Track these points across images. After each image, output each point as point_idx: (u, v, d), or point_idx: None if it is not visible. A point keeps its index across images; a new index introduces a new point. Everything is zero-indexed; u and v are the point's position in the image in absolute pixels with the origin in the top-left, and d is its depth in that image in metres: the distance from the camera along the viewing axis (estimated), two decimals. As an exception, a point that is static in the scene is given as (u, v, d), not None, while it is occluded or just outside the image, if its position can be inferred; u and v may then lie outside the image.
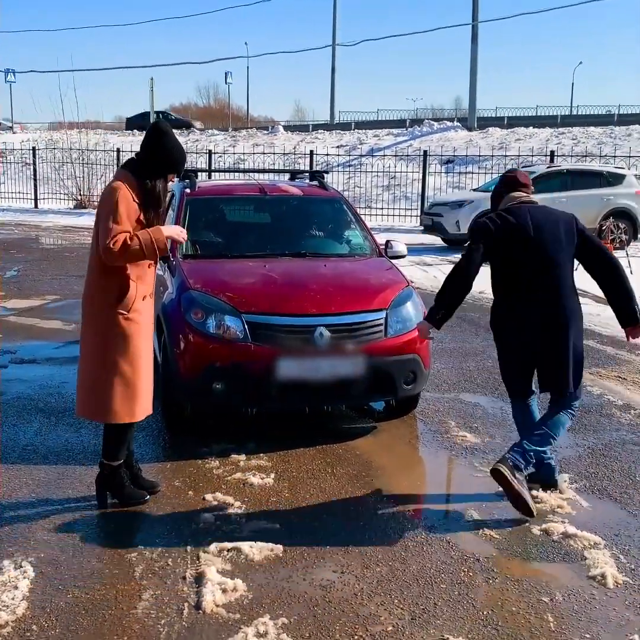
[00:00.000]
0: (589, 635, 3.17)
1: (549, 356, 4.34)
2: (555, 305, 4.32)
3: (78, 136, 26.75)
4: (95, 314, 4.09)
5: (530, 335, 4.32)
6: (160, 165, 4.06)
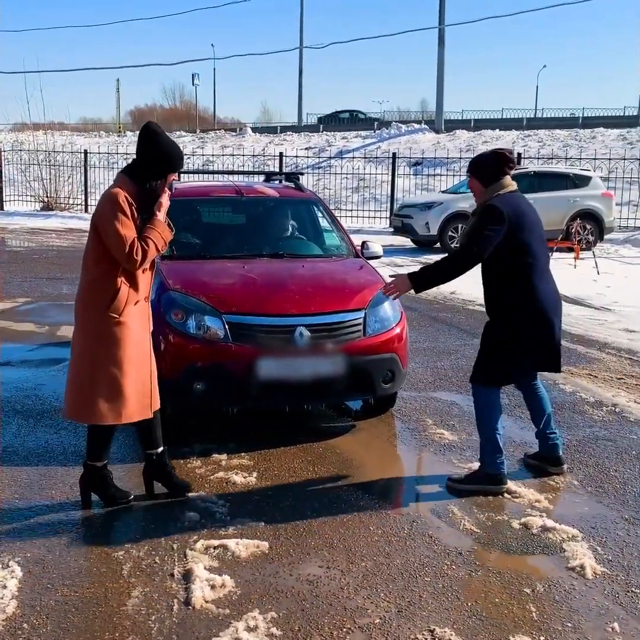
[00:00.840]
0: (571, 624, 3.26)
1: (557, 336, 4.54)
2: (556, 288, 4.62)
3: (44, 137, 26.49)
4: (86, 316, 4.10)
5: (550, 321, 4.47)
6: (158, 166, 4.04)
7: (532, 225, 4.47)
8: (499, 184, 4.49)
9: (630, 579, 3.62)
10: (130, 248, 3.92)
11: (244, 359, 5.00)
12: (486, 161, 4.58)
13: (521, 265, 4.42)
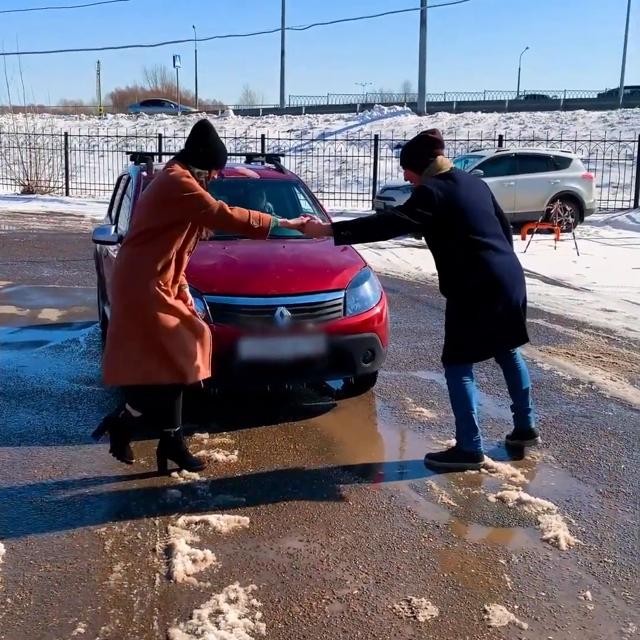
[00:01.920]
0: (544, 593, 3.35)
1: (515, 309, 4.57)
2: (514, 260, 4.61)
3: (24, 120, 26.27)
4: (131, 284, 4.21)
5: (505, 295, 4.49)
6: (205, 159, 4.25)
7: (468, 204, 4.43)
8: (432, 167, 4.51)
9: (603, 549, 3.71)
10: (221, 206, 4.15)
11: (225, 340, 5.03)
12: (412, 148, 4.63)
13: (465, 244, 4.43)
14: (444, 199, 4.36)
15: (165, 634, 3.01)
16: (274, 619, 3.12)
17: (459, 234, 4.43)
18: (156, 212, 4.20)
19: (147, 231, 4.21)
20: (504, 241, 4.61)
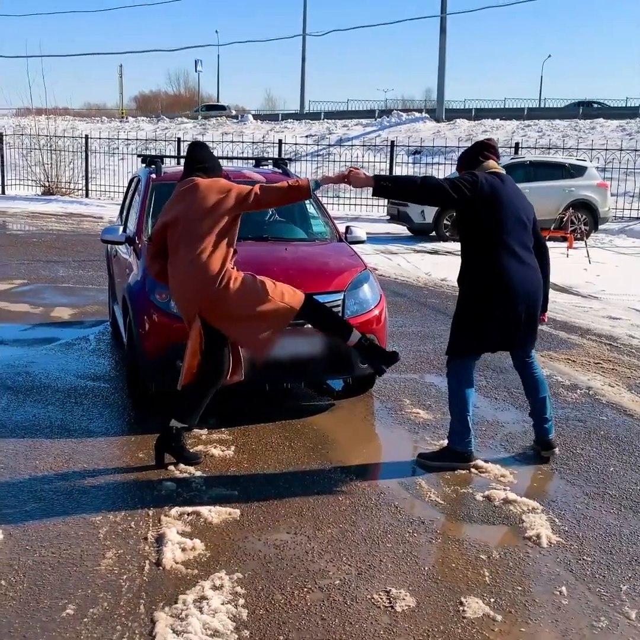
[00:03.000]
0: (521, 587, 3.44)
1: (516, 320, 4.60)
2: (534, 277, 4.66)
3: (46, 122, 26.62)
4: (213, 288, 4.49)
5: (512, 303, 4.55)
6: (219, 167, 4.82)
7: (508, 205, 4.55)
8: (482, 168, 4.65)
9: (584, 548, 3.80)
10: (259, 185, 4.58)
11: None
12: (466, 151, 4.85)
13: (492, 241, 4.53)
14: (488, 189, 4.49)
15: (150, 617, 3.13)
16: (256, 606, 3.24)
17: (490, 228, 4.53)
18: (215, 217, 4.46)
19: (213, 237, 4.47)
20: (531, 254, 4.66)
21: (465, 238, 4.68)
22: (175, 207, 4.63)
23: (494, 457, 4.88)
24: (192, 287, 4.50)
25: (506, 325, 4.61)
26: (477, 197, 4.46)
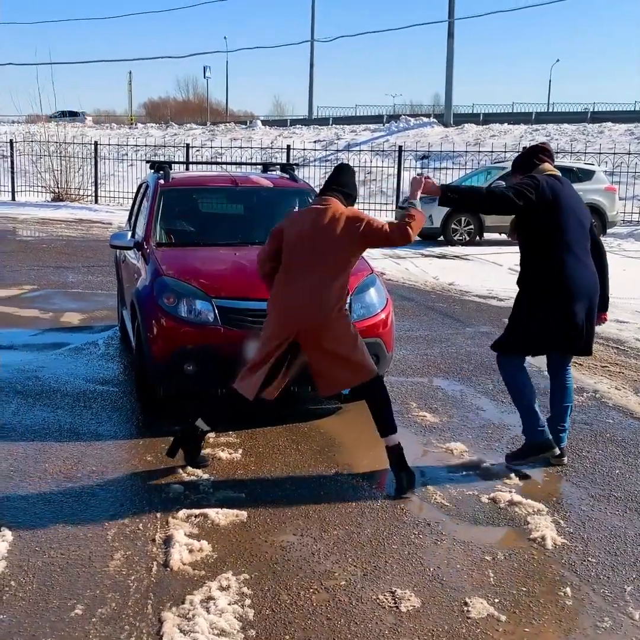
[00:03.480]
0: (525, 588, 3.46)
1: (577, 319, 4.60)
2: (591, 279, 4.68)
3: (56, 129, 26.78)
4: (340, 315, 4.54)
5: (571, 303, 4.57)
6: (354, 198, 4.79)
7: (568, 207, 4.60)
8: (538, 171, 4.69)
9: (588, 549, 3.82)
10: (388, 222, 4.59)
11: (232, 342, 5.20)
12: (521, 155, 4.92)
13: (553, 244, 4.57)
14: (549, 192, 4.53)
15: (157, 617, 3.17)
16: (262, 606, 3.27)
17: (551, 232, 4.57)
18: (347, 246, 4.48)
19: (340, 264, 4.50)
20: (589, 256, 4.70)
21: (526, 242, 4.72)
22: (305, 222, 4.57)
23: (500, 459, 4.90)
24: (305, 306, 4.43)
25: (565, 327, 4.61)
26: (540, 202, 4.51)
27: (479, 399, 6.17)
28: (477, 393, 6.31)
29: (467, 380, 6.65)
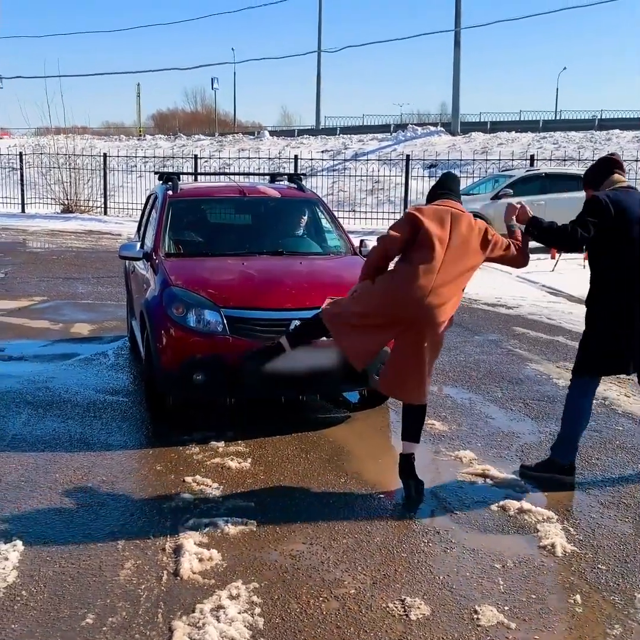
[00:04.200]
0: (535, 595, 3.46)
1: None
2: None
3: (65, 141, 26.94)
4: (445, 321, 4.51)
5: None
6: None
7: (636, 221, 4.54)
8: (607, 183, 4.67)
9: (598, 557, 3.81)
10: None
11: (241, 351, 5.22)
12: (591, 168, 4.88)
13: (624, 260, 4.52)
14: (613, 205, 4.49)
15: (168, 626, 3.18)
16: (272, 615, 3.28)
17: (621, 249, 4.52)
18: (482, 253, 4.54)
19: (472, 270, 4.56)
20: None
21: (595, 260, 4.66)
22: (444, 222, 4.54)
23: (509, 467, 4.90)
24: (430, 305, 4.37)
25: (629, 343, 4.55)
26: (604, 217, 4.47)
27: (488, 407, 6.16)
28: (485, 401, 6.30)
29: (476, 389, 6.65)
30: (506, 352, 7.93)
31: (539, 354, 7.86)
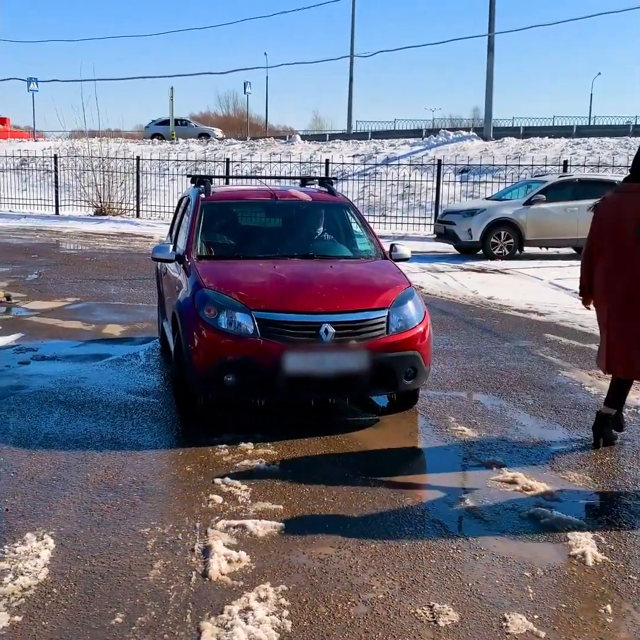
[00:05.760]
0: (565, 605, 3.43)
1: None
2: None
3: (99, 144, 27.23)
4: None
5: None
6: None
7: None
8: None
9: (630, 567, 3.76)
10: None
11: (271, 354, 5.25)
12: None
13: None
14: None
15: (196, 627, 3.20)
16: (300, 618, 3.28)
17: None
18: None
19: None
20: None
21: None
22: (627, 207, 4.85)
23: (540, 475, 4.86)
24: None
25: None
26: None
27: (519, 414, 6.12)
28: (516, 408, 6.26)
29: (507, 395, 6.61)
30: (537, 359, 7.87)
31: (570, 362, 7.80)
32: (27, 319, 9.60)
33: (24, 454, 5.07)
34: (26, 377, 6.87)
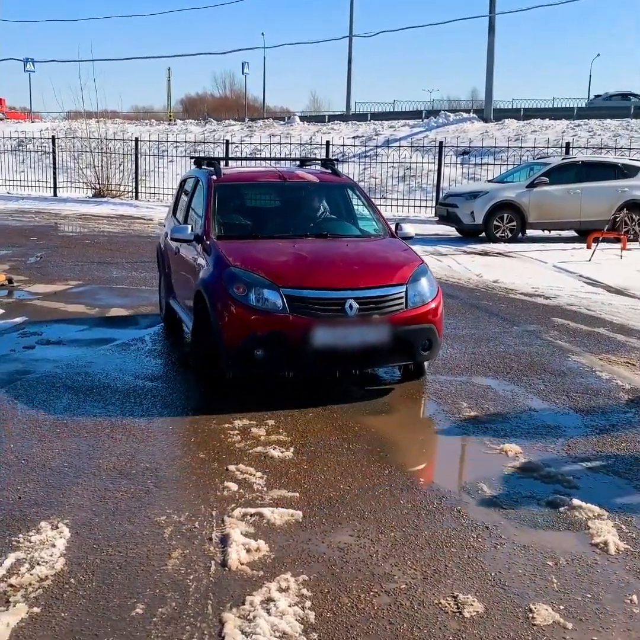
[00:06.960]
0: (590, 595, 3.38)
1: None
2: None
3: (97, 125, 26.99)
4: None
5: None
6: None
7: None
8: None
9: (653, 556, 3.72)
10: None
11: (299, 329, 5.44)
12: None
13: None
14: None
15: (218, 618, 3.15)
16: (323, 608, 3.23)
17: None
18: None
19: None
20: None
21: None
22: None
23: (557, 461, 4.81)
24: None
25: None
26: None
27: (531, 399, 6.06)
28: (528, 393, 6.20)
29: (518, 380, 6.55)
30: (547, 344, 7.82)
31: (580, 346, 7.74)
32: (30, 302, 9.51)
33: (34, 441, 5.01)
34: (32, 362, 6.80)
